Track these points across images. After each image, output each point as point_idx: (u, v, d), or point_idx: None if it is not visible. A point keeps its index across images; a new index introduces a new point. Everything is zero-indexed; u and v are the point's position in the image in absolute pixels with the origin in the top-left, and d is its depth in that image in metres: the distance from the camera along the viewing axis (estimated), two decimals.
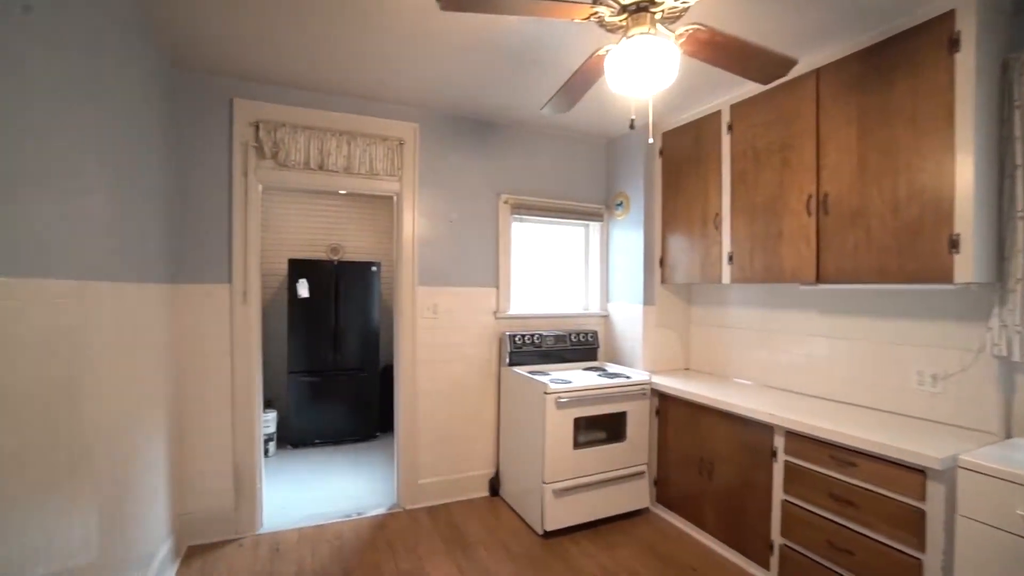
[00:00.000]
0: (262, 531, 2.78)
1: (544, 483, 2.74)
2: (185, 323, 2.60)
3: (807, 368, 2.64)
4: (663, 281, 3.31)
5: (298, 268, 4.25)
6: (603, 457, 2.91)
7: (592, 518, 2.87)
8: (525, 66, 2.48)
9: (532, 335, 3.29)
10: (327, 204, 4.92)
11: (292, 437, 4.25)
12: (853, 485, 1.93)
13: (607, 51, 1.66)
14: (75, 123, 1.48)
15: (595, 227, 3.72)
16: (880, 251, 2.02)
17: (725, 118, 2.75)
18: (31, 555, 1.24)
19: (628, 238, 3.45)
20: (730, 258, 2.73)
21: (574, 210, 3.57)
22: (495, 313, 3.33)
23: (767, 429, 2.30)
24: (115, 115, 1.77)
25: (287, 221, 4.78)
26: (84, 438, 1.52)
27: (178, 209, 2.57)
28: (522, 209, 3.39)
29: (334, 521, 2.92)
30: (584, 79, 1.83)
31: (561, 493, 2.77)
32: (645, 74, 1.52)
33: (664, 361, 3.37)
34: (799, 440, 2.14)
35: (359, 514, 3.01)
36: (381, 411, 4.53)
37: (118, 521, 1.78)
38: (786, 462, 2.20)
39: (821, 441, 2.05)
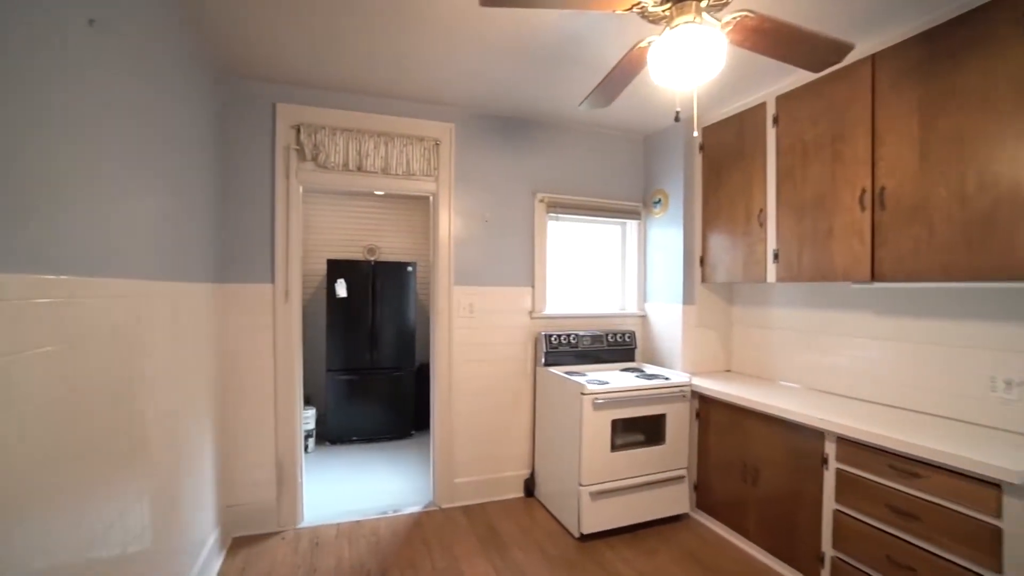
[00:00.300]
0: (302, 525, 2.85)
1: (581, 485, 2.70)
2: (231, 321, 2.69)
3: (859, 371, 2.50)
4: (703, 280, 3.21)
5: (336, 268, 4.34)
6: (641, 460, 2.84)
7: (630, 522, 2.80)
8: (563, 63, 2.45)
9: (568, 335, 3.25)
10: (364, 205, 5.02)
11: (330, 434, 4.34)
12: (917, 497, 1.81)
13: (649, 43, 1.61)
14: (133, 130, 1.54)
15: (632, 225, 3.64)
16: (945, 247, 1.89)
17: (770, 110, 2.63)
18: (95, 539, 1.29)
19: (666, 236, 3.37)
20: (775, 256, 2.62)
21: (610, 208, 3.51)
22: (531, 313, 3.31)
23: (817, 435, 2.19)
24: (168, 122, 1.84)
25: (325, 222, 4.90)
26: (141, 429, 1.59)
27: (224, 211, 2.66)
28: (558, 208, 3.36)
29: (371, 517, 2.96)
30: (624, 73, 1.79)
31: (598, 496, 2.72)
32: (690, 65, 1.47)
33: (704, 362, 3.27)
34: (853, 447, 2.03)
35: (395, 511, 3.04)
36: (416, 410, 4.59)
37: (170, 510, 1.85)
38: (838, 470, 2.09)
39: (879, 449, 1.93)
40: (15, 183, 1.00)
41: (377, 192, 4.69)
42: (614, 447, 2.77)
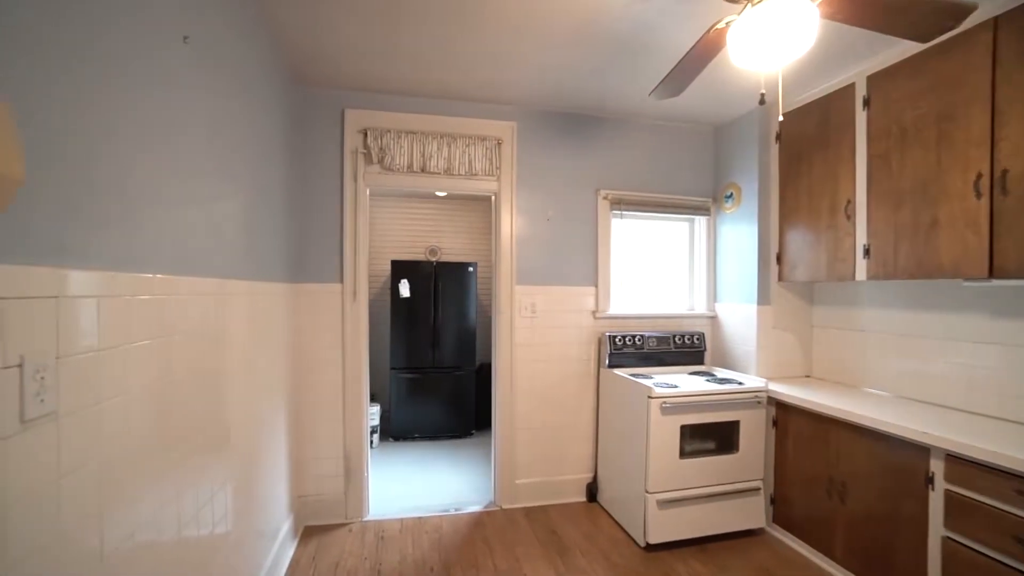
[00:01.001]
0: (368, 518, 2.93)
1: (647, 492, 2.58)
2: (302, 320, 2.82)
3: (967, 380, 2.22)
4: (780, 279, 2.99)
5: (400, 269, 4.45)
6: (712, 469, 2.68)
7: (700, 534, 2.65)
8: (629, 53, 2.36)
9: (633, 336, 3.13)
10: (425, 207, 5.13)
11: (393, 430, 4.45)
12: None
13: (728, 23, 1.50)
14: (219, 139, 1.63)
15: (701, 222, 3.46)
16: None
17: (860, 91, 2.40)
18: (188, 519, 1.37)
19: (739, 233, 3.17)
20: (866, 251, 2.38)
21: (678, 204, 3.35)
22: (594, 313, 3.22)
23: (921, 450, 1.95)
24: (248, 130, 1.94)
25: (389, 224, 5.05)
26: (225, 419, 1.68)
27: (296, 214, 2.79)
28: (622, 204, 3.25)
29: (433, 514, 2.99)
30: (699, 57, 1.68)
31: (665, 504, 2.60)
32: (777, 43, 1.35)
33: (781, 367, 3.04)
34: (968, 467, 1.79)
35: (457, 510, 3.06)
36: (477, 409, 4.62)
37: (249, 497, 1.94)
38: (948, 492, 1.85)
39: (1005, 471, 1.69)
40: (117, 188, 1.07)
41: (439, 193, 4.78)
42: (683, 454, 2.63)
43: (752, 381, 2.83)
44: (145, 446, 1.17)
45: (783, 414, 2.69)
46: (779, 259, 2.98)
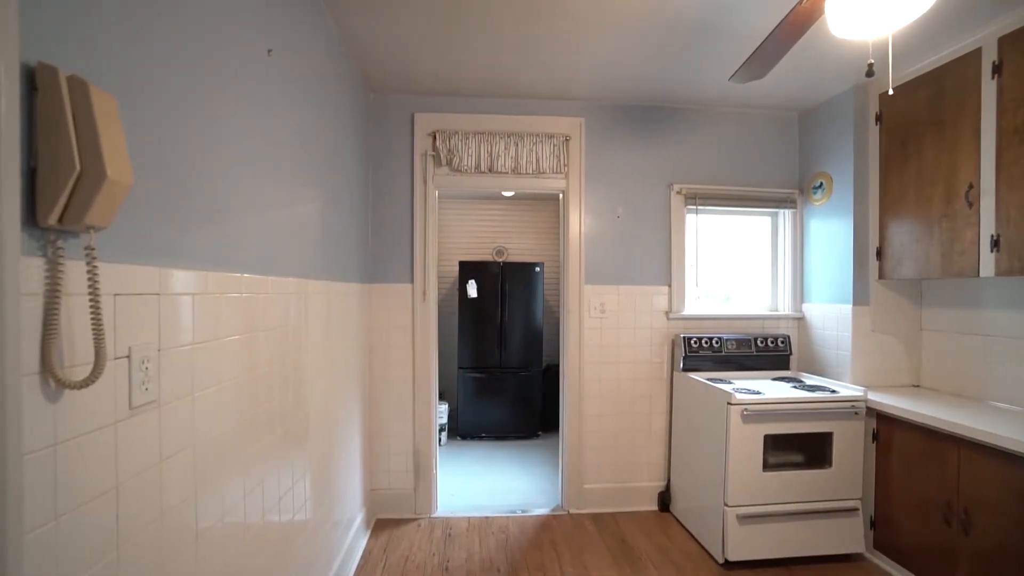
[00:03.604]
0: (436, 515, 2.97)
1: (727, 506, 2.41)
2: (375, 318, 2.92)
3: None
4: (881, 276, 2.69)
5: (467, 269, 4.51)
6: (801, 484, 2.46)
7: (786, 555, 2.44)
8: (703, 37, 2.23)
9: (710, 338, 2.95)
10: (492, 208, 5.17)
11: (461, 429, 4.52)
12: None
13: None
14: (301, 145, 1.71)
15: (786, 215, 3.20)
16: None
17: (988, 56, 2.08)
18: (270, 504, 1.45)
19: (831, 226, 2.89)
20: (994, 243, 2.07)
21: (759, 197, 3.12)
22: (667, 313, 3.07)
23: None
24: (326, 136, 2.03)
25: (457, 226, 5.14)
26: (305, 413, 1.76)
27: (370, 216, 2.89)
28: (697, 199, 3.07)
29: (500, 515, 2.99)
30: (791, 30, 1.53)
31: (747, 520, 2.41)
32: (890, 3, 1.19)
33: (882, 374, 2.74)
34: None
35: (523, 511, 3.03)
36: (543, 410, 4.58)
37: (326, 487, 2.02)
38: None
39: None
40: (209, 192, 1.14)
41: (506, 193, 4.80)
42: (767, 466, 2.43)
43: (848, 390, 2.56)
44: (234, 435, 1.24)
45: (886, 427, 2.40)
46: (880, 254, 2.69)
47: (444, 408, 4.38)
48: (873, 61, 1.19)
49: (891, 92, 1.44)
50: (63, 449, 0.72)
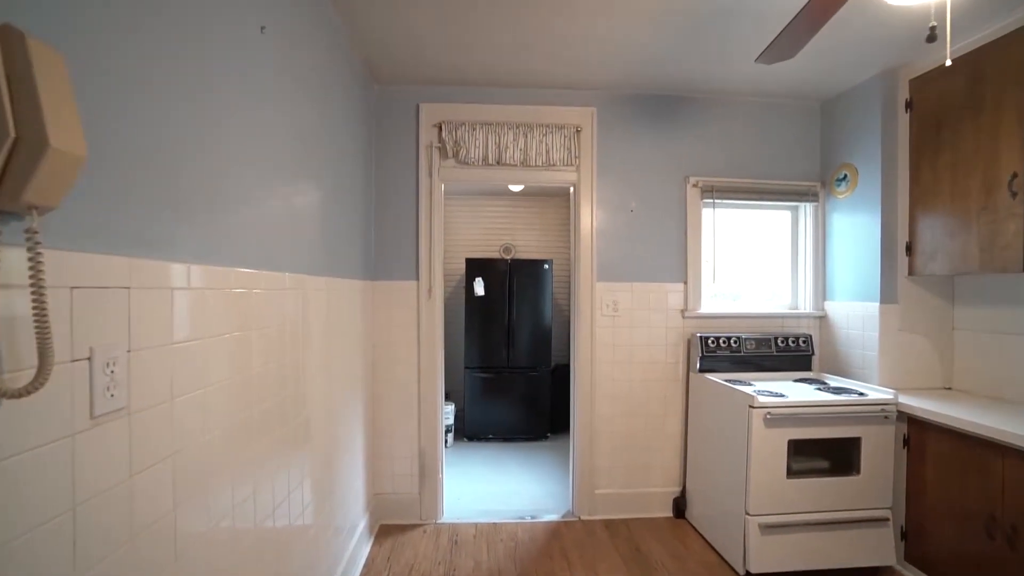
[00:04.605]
0: (442, 520, 2.86)
1: (748, 514, 2.28)
2: (379, 316, 2.81)
3: None
4: (911, 272, 2.55)
5: (474, 267, 4.41)
6: (827, 492, 2.32)
7: (811, 567, 2.31)
8: (721, 21, 2.10)
9: (728, 337, 2.82)
10: (499, 204, 5.06)
11: (467, 430, 4.41)
12: None
13: None
14: (300, 137, 1.60)
15: (807, 209, 3.06)
16: None
17: None
18: (266, 513, 1.35)
19: (856, 220, 2.75)
20: None
21: (779, 190, 2.98)
22: (683, 311, 2.94)
23: None
24: (326, 128, 1.93)
25: (463, 222, 5.04)
26: (305, 414, 1.66)
27: (373, 211, 2.79)
28: (714, 192, 2.94)
29: (508, 521, 2.87)
30: (825, 6, 1.40)
31: (769, 529, 2.28)
32: None
33: (911, 376, 2.59)
34: None
35: (533, 517, 2.92)
36: (552, 412, 4.46)
37: (327, 492, 1.92)
38: None
39: None
40: (198, 181, 1.03)
41: (513, 188, 4.68)
42: (790, 473, 2.30)
43: (877, 392, 2.42)
44: (225, 441, 1.14)
45: (918, 432, 2.26)
46: (910, 249, 2.54)
47: (450, 409, 4.27)
48: (936, 24, 1.06)
49: (948, 62, 1.30)
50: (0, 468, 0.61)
